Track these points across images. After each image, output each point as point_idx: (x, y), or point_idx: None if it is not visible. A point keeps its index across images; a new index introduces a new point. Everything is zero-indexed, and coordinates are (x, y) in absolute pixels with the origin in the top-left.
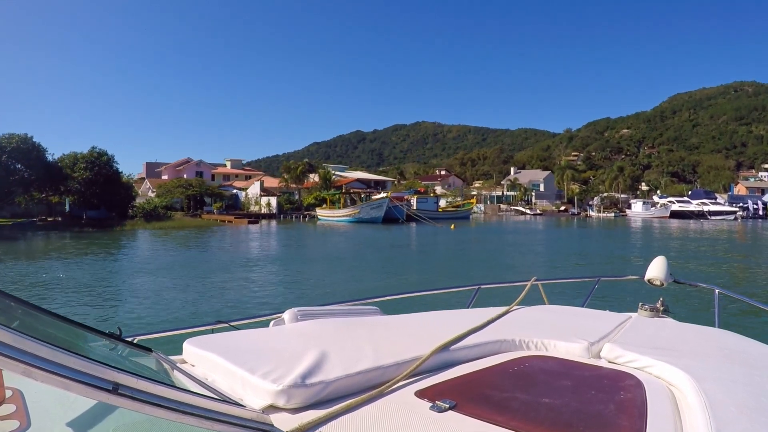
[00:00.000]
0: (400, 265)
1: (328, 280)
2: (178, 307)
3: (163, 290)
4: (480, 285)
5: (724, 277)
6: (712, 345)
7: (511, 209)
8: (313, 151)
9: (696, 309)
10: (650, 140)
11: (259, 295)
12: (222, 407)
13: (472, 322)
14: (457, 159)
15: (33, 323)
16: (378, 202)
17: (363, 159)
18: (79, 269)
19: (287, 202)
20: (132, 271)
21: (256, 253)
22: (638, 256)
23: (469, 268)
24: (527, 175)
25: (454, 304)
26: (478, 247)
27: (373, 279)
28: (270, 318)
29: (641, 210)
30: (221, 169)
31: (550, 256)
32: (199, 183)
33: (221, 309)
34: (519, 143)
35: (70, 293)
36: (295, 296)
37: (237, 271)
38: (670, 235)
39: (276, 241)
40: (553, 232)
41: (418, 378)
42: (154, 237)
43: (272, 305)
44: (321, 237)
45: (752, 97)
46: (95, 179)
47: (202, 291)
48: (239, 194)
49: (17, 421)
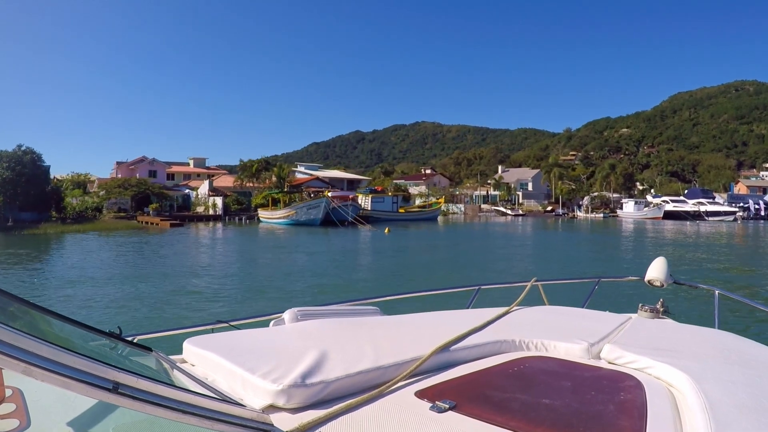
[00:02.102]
0: (237, 286)
1: (113, 308)
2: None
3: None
4: (480, 285)
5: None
6: (712, 346)
7: (492, 210)
8: (312, 152)
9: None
10: (650, 139)
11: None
12: (222, 407)
13: (472, 322)
14: (452, 159)
15: (33, 322)
16: (315, 202)
17: (362, 159)
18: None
19: (235, 202)
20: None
21: (78, 269)
22: (608, 267)
23: (318, 292)
24: (515, 174)
25: (454, 305)
26: (389, 261)
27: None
28: (270, 318)
29: (633, 210)
30: (180, 168)
31: (486, 270)
32: (140, 182)
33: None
34: (518, 143)
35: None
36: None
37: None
38: (661, 238)
39: (149, 251)
40: (521, 237)
41: (418, 378)
42: (40, 242)
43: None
44: (220, 244)
45: (753, 96)
46: (15, 179)
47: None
48: (191, 194)
49: (17, 420)
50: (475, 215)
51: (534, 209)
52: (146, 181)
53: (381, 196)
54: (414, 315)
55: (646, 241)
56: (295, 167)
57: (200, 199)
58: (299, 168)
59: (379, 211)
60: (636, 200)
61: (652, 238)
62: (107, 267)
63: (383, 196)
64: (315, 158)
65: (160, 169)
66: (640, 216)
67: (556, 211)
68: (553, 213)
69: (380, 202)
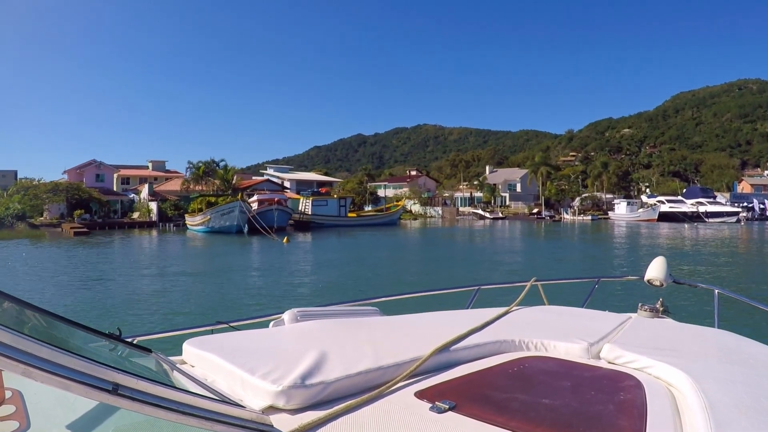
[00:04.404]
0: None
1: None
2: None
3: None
4: (480, 285)
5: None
6: (712, 345)
7: (470, 213)
8: (313, 155)
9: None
10: (652, 139)
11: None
12: (222, 408)
13: (471, 322)
14: (449, 161)
15: (33, 324)
16: (227, 207)
17: (363, 162)
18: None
19: (173, 207)
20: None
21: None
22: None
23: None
24: (503, 175)
25: (453, 305)
26: (210, 291)
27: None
28: (270, 318)
29: (625, 212)
30: (137, 171)
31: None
32: (69, 187)
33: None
34: (520, 145)
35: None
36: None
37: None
38: (653, 244)
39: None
40: (481, 247)
41: (417, 379)
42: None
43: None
44: (68, 261)
45: (757, 95)
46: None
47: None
48: (136, 199)
49: (17, 422)
50: (453, 219)
51: (520, 211)
52: (79, 185)
53: (324, 199)
54: (414, 315)
55: (630, 249)
56: (265, 169)
57: (141, 204)
58: (268, 170)
59: (321, 216)
60: (629, 201)
61: (639, 245)
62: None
63: (326, 199)
64: (316, 162)
65: (108, 173)
66: (633, 218)
67: (542, 213)
68: (536, 216)
69: (323, 206)
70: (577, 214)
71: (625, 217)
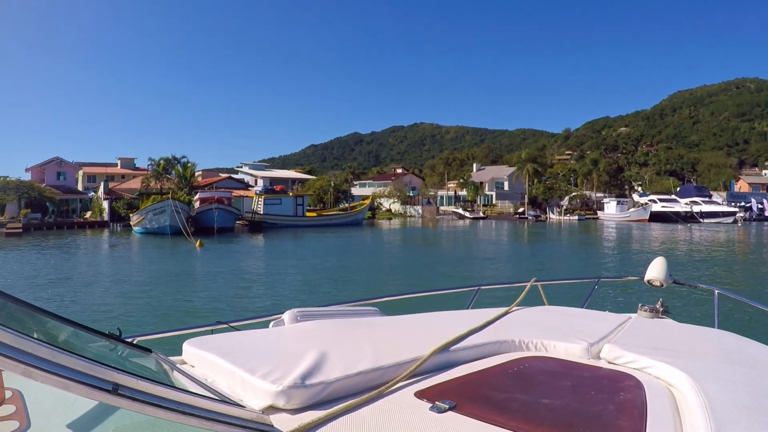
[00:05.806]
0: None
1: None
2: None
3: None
4: (480, 286)
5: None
6: (712, 346)
7: (450, 212)
8: (310, 154)
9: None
10: (649, 138)
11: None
12: (222, 408)
13: (471, 322)
14: (442, 159)
15: (33, 324)
16: (160, 206)
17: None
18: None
19: (127, 206)
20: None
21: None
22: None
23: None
24: (490, 173)
25: (453, 305)
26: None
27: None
28: (270, 319)
29: (615, 211)
30: (104, 169)
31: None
32: (21, 185)
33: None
34: (517, 143)
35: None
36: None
37: None
38: (643, 248)
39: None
40: (438, 254)
41: (417, 379)
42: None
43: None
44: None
45: (754, 94)
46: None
47: None
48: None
49: (17, 422)
50: (433, 218)
51: (505, 211)
52: (32, 183)
53: (278, 197)
54: (413, 315)
55: (619, 255)
56: (240, 167)
57: (95, 202)
58: (243, 169)
59: (275, 216)
60: (619, 200)
61: (626, 250)
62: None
63: (280, 197)
64: (312, 160)
65: (70, 171)
66: (623, 218)
67: (526, 213)
68: (518, 216)
69: (277, 205)
70: (564, 214)
71: (614, 217)
